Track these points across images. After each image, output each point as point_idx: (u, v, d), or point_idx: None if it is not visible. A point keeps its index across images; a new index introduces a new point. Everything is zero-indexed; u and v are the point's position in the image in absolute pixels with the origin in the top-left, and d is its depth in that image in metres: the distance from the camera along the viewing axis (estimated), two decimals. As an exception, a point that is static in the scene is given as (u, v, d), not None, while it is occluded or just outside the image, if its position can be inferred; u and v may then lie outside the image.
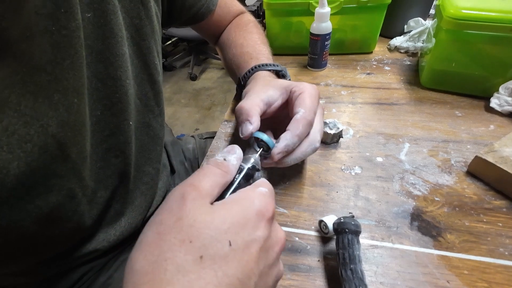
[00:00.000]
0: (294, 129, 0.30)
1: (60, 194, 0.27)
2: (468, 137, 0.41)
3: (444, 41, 0.46)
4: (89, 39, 0.27)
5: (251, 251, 0.18)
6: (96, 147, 0.31)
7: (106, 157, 0.33)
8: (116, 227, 0.38)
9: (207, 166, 0.22)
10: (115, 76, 0.30)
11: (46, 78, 0.23)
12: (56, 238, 0.31)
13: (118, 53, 0.30)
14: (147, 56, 0.35)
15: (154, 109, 0.39)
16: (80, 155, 0.28)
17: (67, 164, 0.27)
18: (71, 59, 0.25)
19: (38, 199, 0.25)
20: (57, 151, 0.25)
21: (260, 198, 0.20)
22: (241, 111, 0.31)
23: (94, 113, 0.30)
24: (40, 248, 0.31)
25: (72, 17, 0.24)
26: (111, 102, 0.31)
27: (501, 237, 0.30)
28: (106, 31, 0.28)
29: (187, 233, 0.17)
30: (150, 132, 0.39)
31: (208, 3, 0.48)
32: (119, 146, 0.33)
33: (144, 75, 0.36)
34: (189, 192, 0.19)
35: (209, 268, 0.16)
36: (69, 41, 0.24)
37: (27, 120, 0.22)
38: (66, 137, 0.26)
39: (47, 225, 0.27)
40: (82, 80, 0.27)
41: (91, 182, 0.31)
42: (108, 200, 0.35)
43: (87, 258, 0.37)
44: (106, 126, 0.31)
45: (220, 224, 0.18)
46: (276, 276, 0.21)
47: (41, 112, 0.23)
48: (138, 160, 0.38)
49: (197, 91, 2.43)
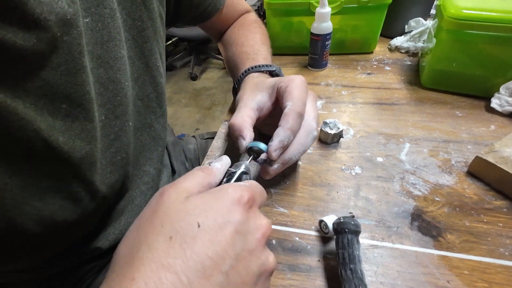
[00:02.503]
0: (284, 124, 0.30)
1: (62, 198, 0.27)
2: (469, 137, 0.41)
3: (445, 41, 0.46)
4: (89, 45, 0.27)
5: (224, 232, 0.18)
6: (105, 151, 0.31)
7: (114, 161, 0.33)
8: (115, 226, 0.38)
9: (192, 170, 0.23)
10: (115, 79, 0.30)
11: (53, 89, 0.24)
12: (60, 238, 0.31)
13: (117, 56, 0.30)
14: (149, 58, 0.35)
15: (156, 110, 0.39)
16: (86, 160, 0.28)
17: (70, 168, 0.27)
18: (74, 65, 0.25)
19: (38, 201, 0.25)
20: (60, 155, 0.25)
21: (234, 188, 0.21)
22: (233, 128, 0.32)
23: (100, 118, 0.30)
24: (42, 246, 0.31)
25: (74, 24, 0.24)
26: (113, 106, 0.31)
27: (501, 237, 0.30)
28: (104, 35, 0.28)
29: (160, 220, 0.19)
30: (152, 132, 0.39)
31: (216, 2, 0.48)
32: (123, 148, 0.33)
33: (146, 76, 0.36)
34: (167, 189, 0.20)
35: (178, 247, 0.17)
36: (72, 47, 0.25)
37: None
38: (71, 142, 0.26)
39: (50, 226, 0.28)
40: (86, 88, 0.26)
41: (103, 187, 0.31)
42: (113, 201, 0.36)
43: (88, 257, 0.37)
44: (111, 130, 0.31)
45: (191, 209, 0.19)
46: (262, 265, 0.20)
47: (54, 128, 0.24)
48: (138, 160, 0.38)
49: (197, 91, 2.43)
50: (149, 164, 0.41)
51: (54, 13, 0.21)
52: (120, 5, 0.30)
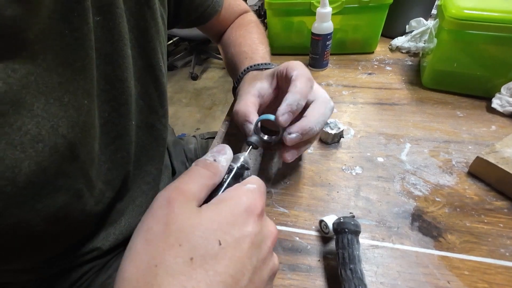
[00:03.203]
0: (293, 87, 0.30)
1: (68, 194, 0.27)
2: (470, 138, 0.41)
3: (446, 41, 0.46)
4: (98, 42, 0.27)
5: (242, 247, 0.18)
6: (105, 148, 0.31)
7: (113, 158, 0.33)
8: (116, 226, 0.38)
9: (195, 167, 0.21)
10: (122, 78, 0.31)
11: (57, 79, 0.24)
12: (61, 237, 0.31)
13: (124, 55, 0.30)
14: (152, 57, 0.35)
15: (158, 110, 0.39)
16: (88, 156, 0.28)
17: (76, 164, 0.27)
18: (82, 61, 0.25)
19: (47, 198, 0.26)
20: (67, 152, 0.25)
21: (247, 195, 0.20)
22: (238, 114, 0.32)
23: (102, 114, 0.30)
24: (43, 246, 0.31)
25: (84, 21, 0.25)
26: (118, 104, 0.31)
27: (502, 238, 0.30)
28: (115, 34, 0.29)
29: (176, 238, 0.17)
30: (154, 132, 0.39)
31: (214, 4, 0.49)
32: (125, 147, 0.34)
33: (149, 76, 0.36)
34: (174, 197, 0.19)
35: (200, 268, 0.16)
36: (81, 44, 0.25)
37: (38, 121, 0.23)
38: (76, 138, 0.26)
39: (53, 223, 0.28)
40: (92, 82, 0.27)
41: (99, 183, 0.32)
42: (113, 200, 0.36)
43: (88, 258, 0.37)
44: (113, 127, 0.31)
45: (208, 225, 0.18)
46: (271, 270, 0.20)
47: (52, 113, 0.24)
48: (140, 160, 0.38)
49: (198, 91, 2.44)
50: (150, 164, 0.41)
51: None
52: (125, 5, 0.31)
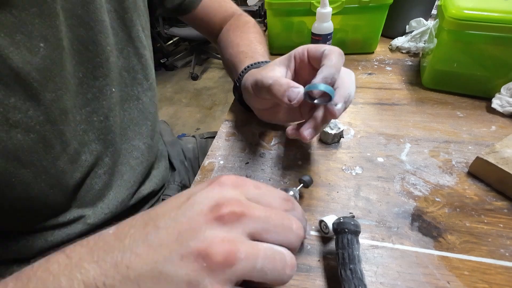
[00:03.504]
0: (327, 61, 0.29)
1: (31, 136, 0.28)
2: (470, 138, 0.41)
3: (446, 42, 0.46)
4: (69, 3, 0.30)
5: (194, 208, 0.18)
6: (80, 109, 0.33)
7: (90, 120, 0.35)
8: (104, 200, 0.39)
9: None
10: (96, 41, 0.33)
11: (11, 19, 0.25)
12: (41, 199, 0.32)
13: (98, 19, 0.32)
14: (131, 29, 0.37)
15: (142, 82, 0.41)
16: (56, 106, 0.30)
17: (38, 108, 0.28)
18: (39, 7, 0.27)
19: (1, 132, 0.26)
20: (20, 89, 0.27)
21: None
22: (279, 83, 0.30)
23: (77, 74, 0.32)
24: (26, 213, 0.32)
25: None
26: (93, 66, 0.33)
27: (502, 238, 0.30)
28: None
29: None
30: (139, 105, 0.41)
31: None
32: (102, 110, 0.35)
33: (130, 48, 0.38)
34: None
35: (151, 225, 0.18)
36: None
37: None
38: (34, 80, 0.27)
39: (23, 166, 0.28)
40: (51, 30, 0.28)
41: (74, 142, 0.33)
42: (92, 166, 0.36)
43: (78, 233, 0.37)
44: (89, 89, 0.34)
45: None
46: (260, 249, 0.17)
47: (1, 44, 0.25)
48: (127, 133, 0.40)
49: (198, 91, 2.44)
50: (138, 139, 0.42)
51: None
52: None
